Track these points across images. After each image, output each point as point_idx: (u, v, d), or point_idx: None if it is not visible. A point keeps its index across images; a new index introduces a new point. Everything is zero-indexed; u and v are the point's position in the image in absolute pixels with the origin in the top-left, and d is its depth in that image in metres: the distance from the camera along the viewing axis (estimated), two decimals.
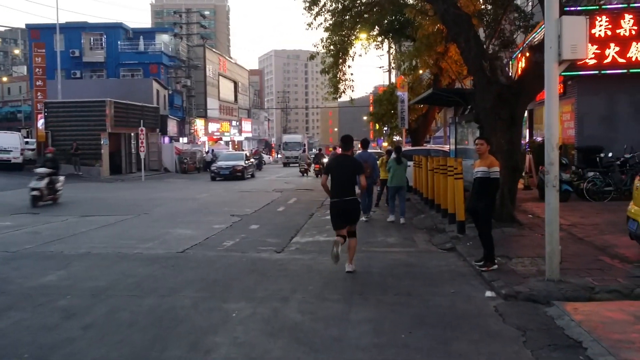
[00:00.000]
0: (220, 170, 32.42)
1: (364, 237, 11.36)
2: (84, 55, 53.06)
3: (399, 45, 31.45)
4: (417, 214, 14.90)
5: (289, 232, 12.03)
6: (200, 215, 15.23)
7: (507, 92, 11.06)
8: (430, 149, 22.01)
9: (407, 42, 28.68)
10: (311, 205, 17.91)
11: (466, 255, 8.98)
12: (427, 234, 11.68)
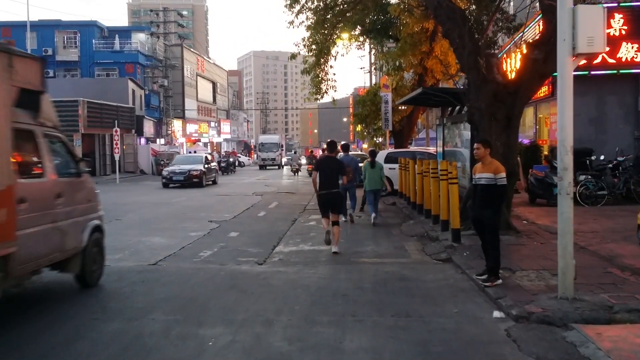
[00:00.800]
0: (173, 176, 27.38)
1: (352, 246, 10.62)
2: (57, 54, 51.58)
3: (381, 46, 30.86)
4: (405, 220, 14.21)
5: (271, 241, 11.23)
6: (176, 222, 14.34)
7: (503, 91, 10.40)
8: (415, 151, 21.37)
9: (389, 43, 28.17)
10: (294, 210, 17.12)
11: (464, 267, 8.27)
12: (419, 242, 10.96)
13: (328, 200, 9.96)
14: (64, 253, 6.94)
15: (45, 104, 6.92)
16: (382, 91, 23.93)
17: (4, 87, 5.67)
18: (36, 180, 6.50)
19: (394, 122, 24.05)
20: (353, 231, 12.65)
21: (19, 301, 6.88)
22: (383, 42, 27.95)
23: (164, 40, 56.32)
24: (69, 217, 7.01)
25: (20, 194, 5.86)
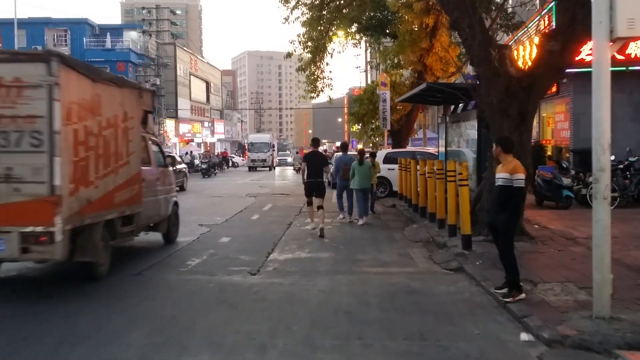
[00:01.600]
0: None
1: (352, 252, 9.81)
2: None
3: (377, 44, 30.16)
4: (407, 223, 13.41)
5: (265, 247, 10.40)
6: None
7: (516, 86, 9.61)
8: (415, 151, 20.60)
9: (386, 41, 27.52)
10: (289, 212, 16.29)
11: (479, 278, 7.47)
12: (425, 248, 10.16)
13: (313, 187, 12.17)
14: (159, 217, 10.33)
15: (150, 120, 10.28)
16: (380, 89, 23.16)
17: (138, 110, 9.19)
18: (148, 168, 9.75)
19: (392, 122, 23.30)
20: (352, 235, 11.85)
21: None
22: (380, 40, 27.23)
23: (156, 39, 55.34)
24: (162, 194, 10.54)
25: (142, 176, 9.14)
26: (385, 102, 22.92)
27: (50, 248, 6.64)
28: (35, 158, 6.62)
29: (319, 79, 25.33)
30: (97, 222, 7.66)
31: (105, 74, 8.87)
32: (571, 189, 14.58)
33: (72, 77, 7.03)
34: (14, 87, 6.66)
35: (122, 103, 8.53)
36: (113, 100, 8.22)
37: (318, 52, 24.65)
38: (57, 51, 7.69)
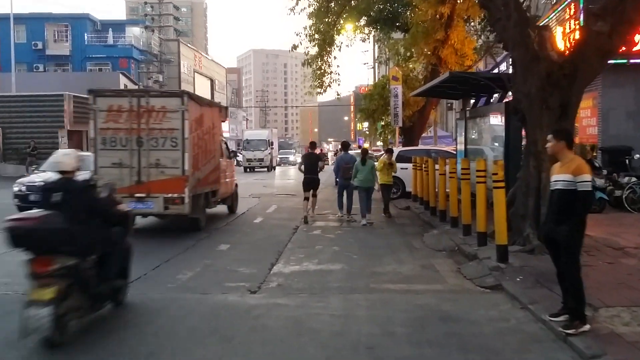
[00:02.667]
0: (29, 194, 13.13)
1: (369, 263, 8.55)
2: (48, 47, 49.52)
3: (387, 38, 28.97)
4: (425, 228, 12.13)
5: (268, 256, 9.16)
6: (157, 230, 12.27)
7: (558, 73, 8.32)
8: (430, 150, 19.32)
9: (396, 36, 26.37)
10: (295, 215, 15.02)
11: (525, 300, 6.20)
12: (451, 259, 8.89)
13: (309, 181, 13.97)
14: (227, 194, 14.16)
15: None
16: (392, 84, 21.86)
17: (219, 121, 13.59)
18: (222, 160, 13.44)
19: (404, 118, 22.00)
20: (366, 242, 10.59)
21: None
22: (389, 34, 25.99)
23: (159, 34, 54.16)
24: (229, 178, 14.45)
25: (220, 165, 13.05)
26: (397, 98, 21.64)
27: (181, 207, 10.77)
28: (173, 154, 10.88)
29: (326, 74, 24.10)
30: (201, 193, 11.87)
31: (206, 100, 14.22)
32: (604, 190, 13.29)
33: (192, 105, 11.37)
34: (161, 112, 10.98)
35: (212, 117, 12.94)
36: (208, 116, 12.53)
37: (325, 45, 23.42)
38: (187, 90, 13.70)
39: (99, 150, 11.05)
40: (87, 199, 5.57)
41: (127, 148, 10.96)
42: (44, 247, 5.02)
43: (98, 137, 11.10)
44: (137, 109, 11.05)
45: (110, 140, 11.06)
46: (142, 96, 11.27)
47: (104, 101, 11.26)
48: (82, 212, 5.42)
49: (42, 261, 4.97)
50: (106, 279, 5.72)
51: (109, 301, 5.93)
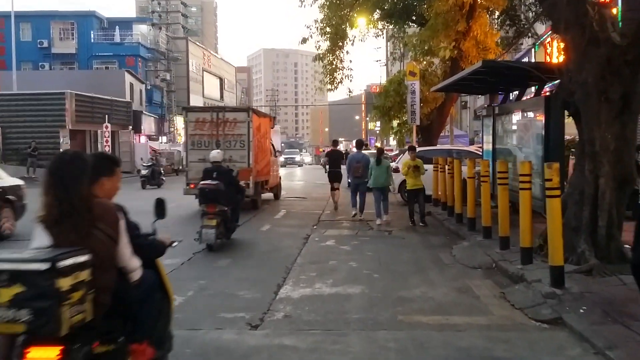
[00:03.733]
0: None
1: (393, 286, 7.20)
2: (53, 46, 48.64)
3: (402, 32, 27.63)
4: (452, 239, 10.77)
5: (274, 274, 7.85)
6: None
7: (620, 59, 6.94)
8: (451, 149, 17.95)
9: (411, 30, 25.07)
10: (305, 221, 13.73)
11: (600, 344, 4.82)
12: (490, 279, 7.52)
13: (333, 174, 16.27)
14: (274, 184, 18.11)
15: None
16: (408, 79, 20.42)
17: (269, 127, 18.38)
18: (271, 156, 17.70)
19: (422, 116, 20.58)
20: (387, 256, 9.24)
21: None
22: (404, 28, 24.65)
23: (166, 31, 53.04)
24: (275, 171, 18.43)
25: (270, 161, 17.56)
26: (414, 94, 20.21)
27: (248, 190, 13.87)
28: (241, 152, 15.09)
29: (338, 70, 22.79)
30: (259, 181, 15.96)
31: (262, 113, 19.08)
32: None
33: (254, 117, 15.66)
34: (233, 122, 15.30)
35: (266, 125, 17.51)
36: (263, 124, 16.95)
37: (337, 39, 22.12)
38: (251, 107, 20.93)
39: (190, 150, 15.72)
40: (229, 177, 10.28)
41: (209, 148, 14.40)
42: (213, 199, 9.53)
43: (189, 140, 15.78)
44: (216, 120, 15.55)
45: (197, 143, 15.58)
46: (220, 111, 16.05)
47: (192, 115, 16.01)
48: (227, 184, 9.89)
49: (212, 206, 9.53)
50: (233, 220, 10.25)
51: (232, 233, 10.31)
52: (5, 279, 2.80)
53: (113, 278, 3.26)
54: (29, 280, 2.78)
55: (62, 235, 3.10)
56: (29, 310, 2.78)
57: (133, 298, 3.43)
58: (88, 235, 3.12)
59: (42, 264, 2.78)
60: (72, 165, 3.24)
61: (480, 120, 42.85)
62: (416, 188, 12.49)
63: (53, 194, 3.14)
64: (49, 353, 2.84)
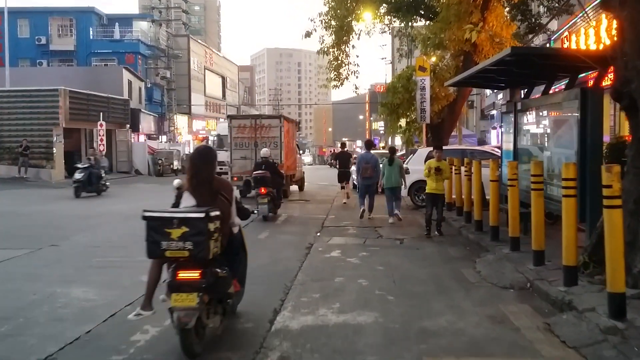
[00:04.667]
0: None
1: (413, 312, 5.99)
2: (52, 42, 47.59)
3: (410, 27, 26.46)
4: (473, 250, 9.57)
5: (270, 295, 6.67)
6: (135, 249, 9.78)
7: None
8: (465, 149, 16.75)
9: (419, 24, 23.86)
10: (308, 228, 12.55)
11: None
12: (527, 303, 6.29)
13: (342, 174, 18.22)
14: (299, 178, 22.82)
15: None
16: (418, 75, 19.24)
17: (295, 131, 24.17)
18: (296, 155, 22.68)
19: (432, 114, 19.37)
20: (402, 272, 8.03)
21: None
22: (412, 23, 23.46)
23: (166, 28, 51.86)
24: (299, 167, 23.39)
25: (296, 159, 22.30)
26: (424, 91, 19.04)
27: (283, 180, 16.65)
28: (275, 151, 18.23)
29: (344, 65, 21.59)
30: (289, 174, 19.17)
31: (290, 118, 23.73)
32: None
33: (285, 122, 20.07)
34: (268, 127, 19.48)
35: (292, 128, 22.03)
36: (291, 128, 21.20)
37: (343, 32, 20.92)
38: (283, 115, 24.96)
39: (233, 149, 19.41)
40: (273, 167, 14.13)
41: (249, 148, 19.20)
42: (264, 183, 13.05)
43: (232, 142, 19.55)
44: (254, 126, 19.58)
45: (239, 144, 19.48)
46: (257, 118, 20.61)
47: (235, 121, 20.27)
48: (272, 172, 13.65)
49: (264, 189, 13.24)
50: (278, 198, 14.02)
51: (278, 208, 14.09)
52: (176, 223, 4.43)
53: (228, 229, 5.06)
54: (191, 224, 4.42)
55: (200, 198, 4.87)
56: (191, 243, 4.43)
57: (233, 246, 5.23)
58: (215, 199, 4.88)
59: (200, 214, 4.47)
60: (204, 155, 5.12)
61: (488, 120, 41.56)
62: (436, 193, 11.17)
63: (192, 172, 4.98)
64: (192, 274, 4.49)
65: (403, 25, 24.87)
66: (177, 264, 4.57)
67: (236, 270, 5.25)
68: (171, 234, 4.46)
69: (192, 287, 4.46)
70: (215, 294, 4.77)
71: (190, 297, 4.41)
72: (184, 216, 4.51)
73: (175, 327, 4.46)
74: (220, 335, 5.19)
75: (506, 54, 8.12)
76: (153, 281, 4.92)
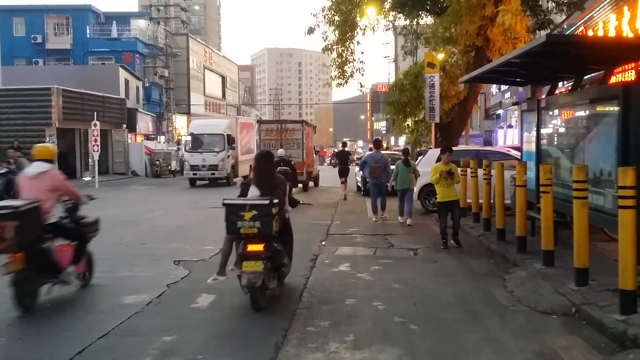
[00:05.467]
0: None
1: (443, 349, 4.96)
2: (48, 41, 46.64)
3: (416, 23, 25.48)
4: (498, 263, 8.55)
5: (271, 325, 5.65)
6: (121, 264, 8.77)
7: None
8: (479, 150, 15.73)
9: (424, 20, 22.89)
10: (311, 235, 11.52)
11: None
12: (577, 335, 5.25)
13: (342, 170, 20.29)
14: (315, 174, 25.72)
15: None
16: (426, 71, 18.18)
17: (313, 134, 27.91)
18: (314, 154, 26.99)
19: (441, 113, 18.32)
20: (422, 291, 7.00)
21: None
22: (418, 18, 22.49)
23: (164, 26, 50.82)
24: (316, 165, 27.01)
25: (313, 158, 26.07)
26: (433, 88, 17.98)
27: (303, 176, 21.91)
28: (297, 151, 22.80)
29: (348, 62, 20.57)
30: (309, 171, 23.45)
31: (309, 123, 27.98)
32: None
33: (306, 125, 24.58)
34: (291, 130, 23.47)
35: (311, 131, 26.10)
36: (310, 131, 25.53)
37: (347, 28, 19.91)
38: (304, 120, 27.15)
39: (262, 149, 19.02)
40: (290, 164, 17.11)
41: (275, 148, 19.91)
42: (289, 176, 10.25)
43: (261, 143, 23.14)
44: (280, 129, 23.32)
45: (267, 145, 22.30)
46: (283, 123, 24.38)
47: (264, 126, 24.23)
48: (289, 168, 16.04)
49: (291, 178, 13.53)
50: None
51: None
52: (248, 208, 5.96)
53: (283, 214, 6.57)
54: (260, 208, 5.96)
55: (263, 190, 6.46)
56: (259, 222, 5.96)
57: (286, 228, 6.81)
58: (274, 191, 6.47)
59: (266, 201, 6.05)
60: (266, 158, 6.82)
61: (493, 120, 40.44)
62: (449, 200, 10.00)
63: (257, 170, 6.64)
64: (258, 247, 6.00)
65: (408, 22, 23.87)
66: (246, 239, 6.05)
67: (287, 247, 6.81)
68: (244, 216, 5.95)
69: (259, 256, 5.94)
70: (274, 263, 6.26)
71: (257, 264, 5.88)
72: (254, 203, 6.07)
73: (246, 287, 5.99)
74: None
75: (541, 42, 7.07)
76: (226, 253, 6.52)
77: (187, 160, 26.43)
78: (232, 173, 26.07)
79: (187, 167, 26.12)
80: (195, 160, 25.57)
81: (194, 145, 25.91)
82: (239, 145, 27.91)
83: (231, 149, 26.24)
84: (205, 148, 25.66)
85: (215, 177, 25.69)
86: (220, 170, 25.40)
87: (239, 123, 28.97)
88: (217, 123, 28.62)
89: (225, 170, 25.57)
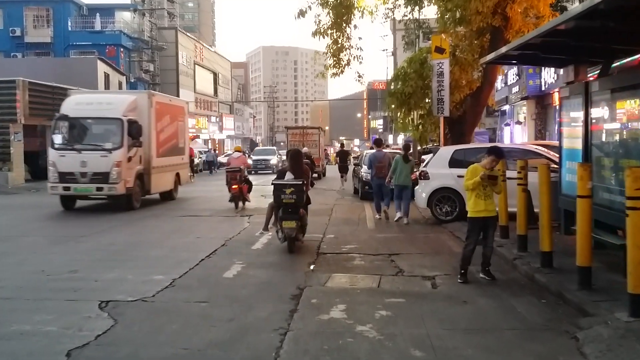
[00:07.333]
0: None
1: None
2: (27, 35, 44.10)
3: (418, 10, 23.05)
4: (552, 304, 6.09)
5: None
6: (20, 310, 6.25)
7: None
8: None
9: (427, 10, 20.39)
10: (298, 256, 9.07)
11: None
12: None
13: (342, 168, 25.39)
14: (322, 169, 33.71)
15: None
16: (434, 57, 15.69)
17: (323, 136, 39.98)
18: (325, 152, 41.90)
19: (451, 105, 15.85)
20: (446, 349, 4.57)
21: None
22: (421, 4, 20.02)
23: (149, 18, 48.21)
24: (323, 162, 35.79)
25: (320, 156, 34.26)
26: (442, 77, 15.52)
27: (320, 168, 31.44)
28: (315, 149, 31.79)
29: (344, 49, 18.07)
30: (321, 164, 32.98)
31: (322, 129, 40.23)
32: None
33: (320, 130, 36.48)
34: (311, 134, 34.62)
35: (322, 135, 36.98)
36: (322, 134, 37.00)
37: (342, 10, 17.42)
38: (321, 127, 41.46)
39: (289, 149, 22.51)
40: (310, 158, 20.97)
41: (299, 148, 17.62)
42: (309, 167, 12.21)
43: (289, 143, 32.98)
44: (302, 133, 34.43)
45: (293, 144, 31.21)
46: (305, 128, 37.55)
47: (291, 131, 35.53)
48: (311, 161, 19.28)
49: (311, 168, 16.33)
50: None
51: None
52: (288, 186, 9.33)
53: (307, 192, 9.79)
54: (295, 186, 9.31)
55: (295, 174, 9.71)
56: (294, 196, 9.28)
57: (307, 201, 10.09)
58: (302, 175, 9.74)
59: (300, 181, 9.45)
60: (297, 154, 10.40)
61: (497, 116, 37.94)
62: (488, 216, 7.29)
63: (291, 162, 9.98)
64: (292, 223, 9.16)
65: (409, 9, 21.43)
66: (284, 207, 9.24)
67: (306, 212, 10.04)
68: (286, 191, 9.24)
69: (293, 218, 9.17)
70: (302, 222, 9.50)
71: (292, 223, 9.11)
72: (292, 182, 9.37)
73: (285, 237, 9.24)
74: None
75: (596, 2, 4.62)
76: (269, 216, 9.97)
77: (53, 163, 15.39)
78: (138, 188, 16.03)
79: (54, 175, 15.27)
80: (69, 164, 15.18)
81: (68, 137, 15.53)
82: (154, 139, 16.83)
83: (136, 146, 15.84)
84: (87, 143, 15.49)
85: (102, 195, 15.56)
86: (112, 182, 14.98)
87: (155, 103, 17.14)
88: (112, 100, 17.09)
89: (122, 183, 15.10)
